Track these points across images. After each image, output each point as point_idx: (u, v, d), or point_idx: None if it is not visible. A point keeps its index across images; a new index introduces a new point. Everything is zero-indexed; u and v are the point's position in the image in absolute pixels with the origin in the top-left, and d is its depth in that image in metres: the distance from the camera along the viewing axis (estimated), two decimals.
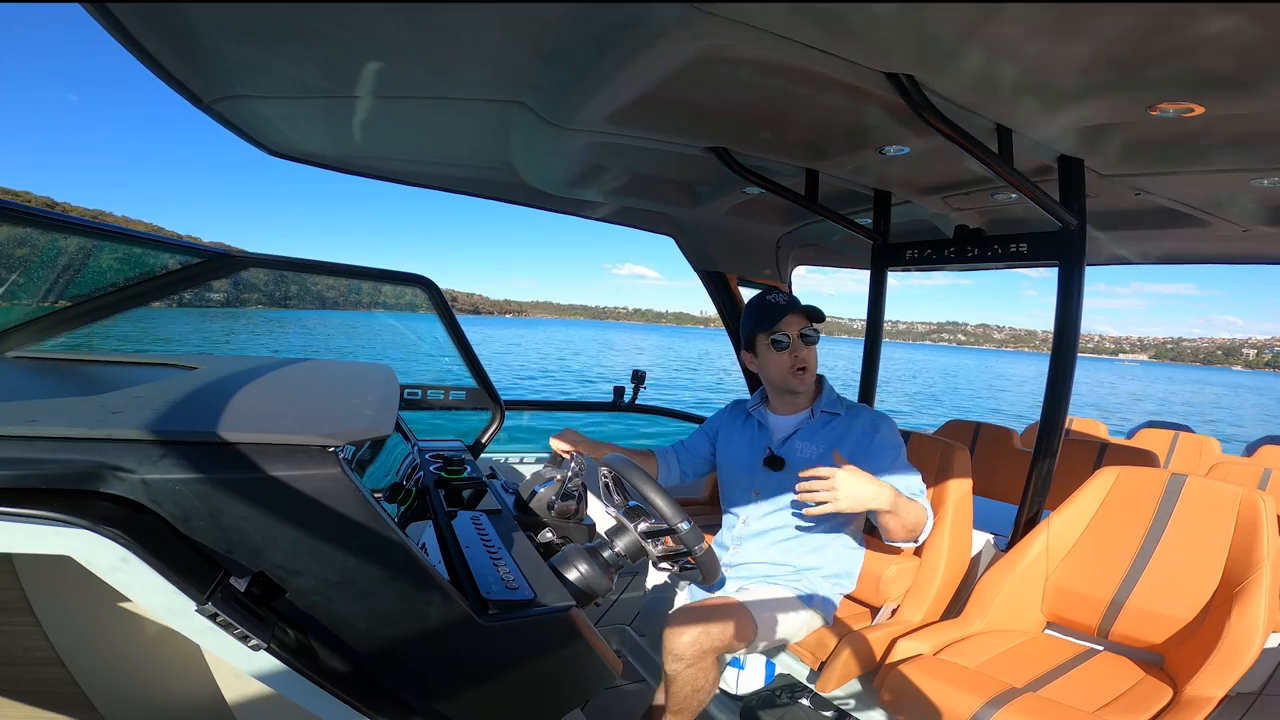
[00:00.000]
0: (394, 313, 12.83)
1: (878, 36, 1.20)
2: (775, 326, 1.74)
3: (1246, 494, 1.62)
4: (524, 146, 1.99)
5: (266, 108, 1.75)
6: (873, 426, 1.75)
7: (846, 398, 1.90)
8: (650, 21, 1.18)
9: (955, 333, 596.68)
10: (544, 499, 1.45)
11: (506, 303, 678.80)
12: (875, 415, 1.79)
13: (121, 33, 1.30)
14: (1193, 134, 1.56)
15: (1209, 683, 1.41)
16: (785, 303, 1.76)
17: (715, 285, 2.98)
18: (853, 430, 1.76)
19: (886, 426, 1.76)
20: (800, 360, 1.75)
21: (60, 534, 0.69)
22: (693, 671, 1.51)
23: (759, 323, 1.78)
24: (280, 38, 1.35)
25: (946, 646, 1.68)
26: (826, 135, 1.81)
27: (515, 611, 0.95)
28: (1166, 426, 4.13)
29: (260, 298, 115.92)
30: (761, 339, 1.78)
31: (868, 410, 1.82)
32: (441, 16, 1.23)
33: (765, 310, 1.77)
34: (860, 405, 1.85)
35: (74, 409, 0.85)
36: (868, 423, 1.76)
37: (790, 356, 1.75)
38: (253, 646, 0.78)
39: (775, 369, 1.78)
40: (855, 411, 1.81)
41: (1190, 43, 1.14)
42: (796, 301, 1.78)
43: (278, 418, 0.94)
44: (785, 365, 1.76)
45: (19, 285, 1.57)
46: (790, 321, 1.74)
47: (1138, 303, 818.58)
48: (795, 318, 1.74)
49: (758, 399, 1.94)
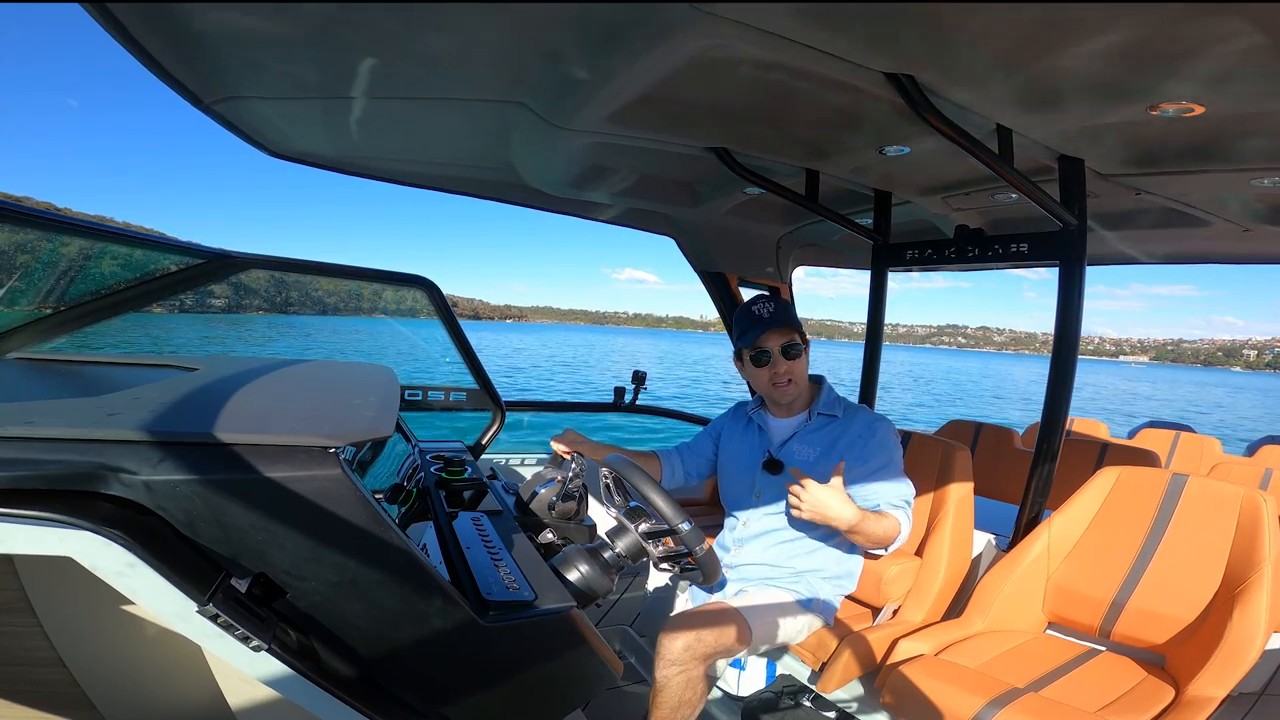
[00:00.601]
0: (396, 318, 12.80)
1: (878, 37, 1.20)
2: (754, 343, 1.74)
3: (1248, 494, 1.62)
4: (524, 147, 1.99)
5: (266, 108, 1.75)
6: (869, 429, 1.74)
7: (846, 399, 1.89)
8: (650, 21, 1.18)
9: (956, 335, 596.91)
10: (545, 500, 1.45)
11: (507, 308, 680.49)
12: (873, 418, 1.79)
13: (121, 33, 1.30)
14: (1193, 134, 1.56)
15: (1210, 683, 1.41)
16: (768, 317, 1.73)
17: (716, 286, 2.98)
18: (849, 432, 1.75)
19: (883, 430, 1.75)
20: (783, 374, 1.75)
21: (61, 535, 0.69)
22: (683, 680, 1.50)
23: (741, 336, 1.79)
24: (280, 38, 1.35)
25: (948, 647, 1.68)
26: (827, 135, 1.81)
27: (516, 612, 0.95)
28: (1167, 426, 4.13)
29: (261, 303, 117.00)
30: (746, 352, 1.79)
31: (866, 412, 1.82)
32: (441, 16, 1.24)
33: (748, 323, 1.76)
34: (859, 406, 1.85)
35: (74, 410, 0.85)
36: (864, 425, 1.76)
37: (770, 372, 1.75)
38: (254, 647, 0.78)
39: (759, 381, 1.80)
40: (853, 413, 1.80)
41: (1190, 43, 1.14)
42: (781, 315, 1.74)
43: (278, 418, 0.94)
44: (766, 379, 1.77)
45: (19, 286, 1.57)
46: (771, 337, 1.73)
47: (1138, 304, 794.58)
48: (776, 333, 1.73)
49: (756, 402, 1.94)
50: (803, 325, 1.82)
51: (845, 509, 1.50)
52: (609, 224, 2.83)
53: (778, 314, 1.74)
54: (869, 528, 1.55)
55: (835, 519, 1.51)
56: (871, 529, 1.56)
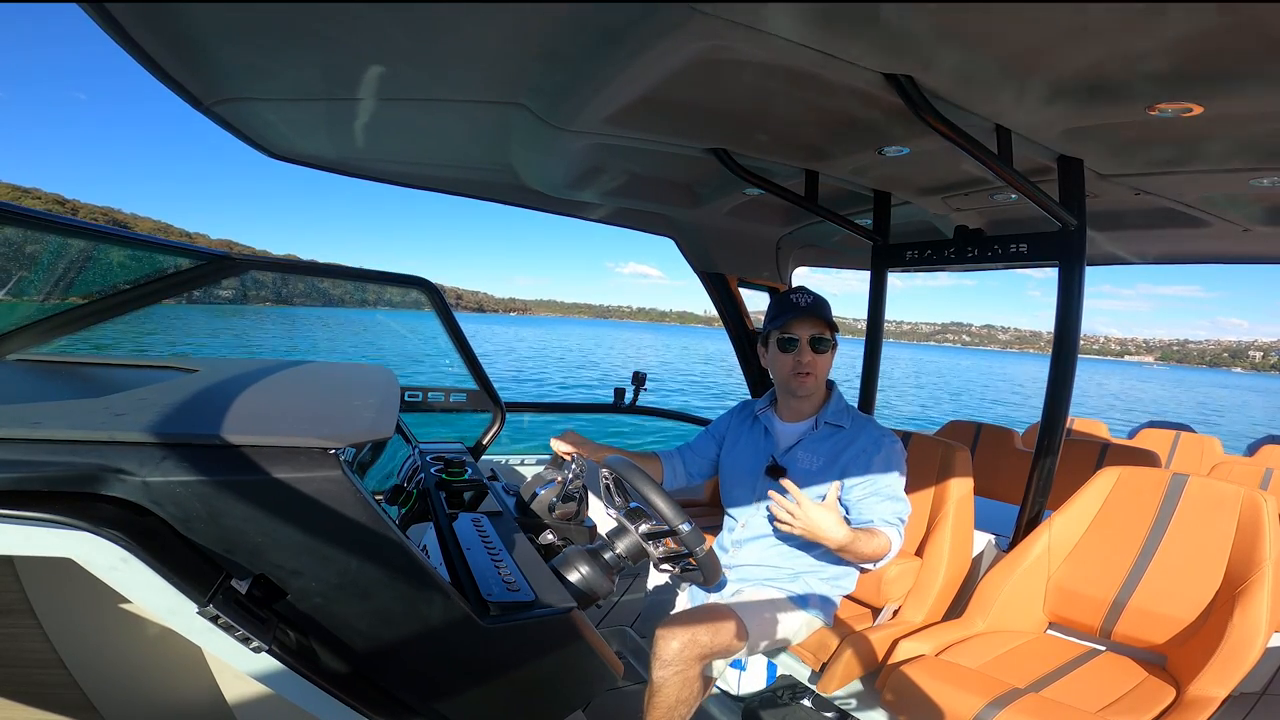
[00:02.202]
0: (401, 310, 12.69)
1: (877, 37, 1.20)
2: (786, 325, 1.74)
3: (1248, 494, 1.62)
4: (524, 148, 1.99)
5: (267, 110, 1.75)
6: (875, 444, 1.72)
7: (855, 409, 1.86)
8: (650, 23, 1.18)
9: (960, 334, 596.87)
10: (545, 501, 1.45)
11: (511, 301, 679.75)
12: (881, 433, 1.76)
13: (121, 34, 1.30)
14: (1192, 134, 1.56)
15: (1212, 683, 1.41)
16: (806, 305, 1.73)
17: (715, 286, 2.98)
18: (854, 445, 1.73)
19: (889, 447, 1.72)
20: (804, 365, 1.74)
21: (61, 536, 0.69)
22: (679, 680, 1.50)
23: (774, 318, 1.78)
24: (280, 40, 1.35)
25: (948, 647, 1.68)
26: (826, 136, 1.81)
27: (516, 613, 0.95)
28: (1168, 426, 4.13)
29: (268, 294, 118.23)
30: (774, 334, 1.77)
31: (874, 426, 1.79)
32: (441, 18, 1.24)
33: (783, 307, 1.76)
34: (868, 419, 1.82)
35: (75, 411, 0.85)
36: (871, 439, 1.73)
37: (793, 359, 1.74)
38: (254, 648, 0.78)
39: (780, 367, 1.78)
40: (861, 426, 1.77)
41: (1190, 43, 1.14)
42: (817, 307, 1.73)
43: (278, 420, 0.94)
44: (788, 366, 1.75)
45: (19, 288, 1.57)
46: (803, 324, 1.73)
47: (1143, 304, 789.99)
48: (809, 322, 1.72)
49: (766, 401, 1.92)
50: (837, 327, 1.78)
51: (837, 530, 1.52)
52: (609, 224, 2.83)
53: (814, 305, 1.74)
54: (859, 547, 1.57)
55: (826, 538, 1.52)
56: (861, 549, 1.57)
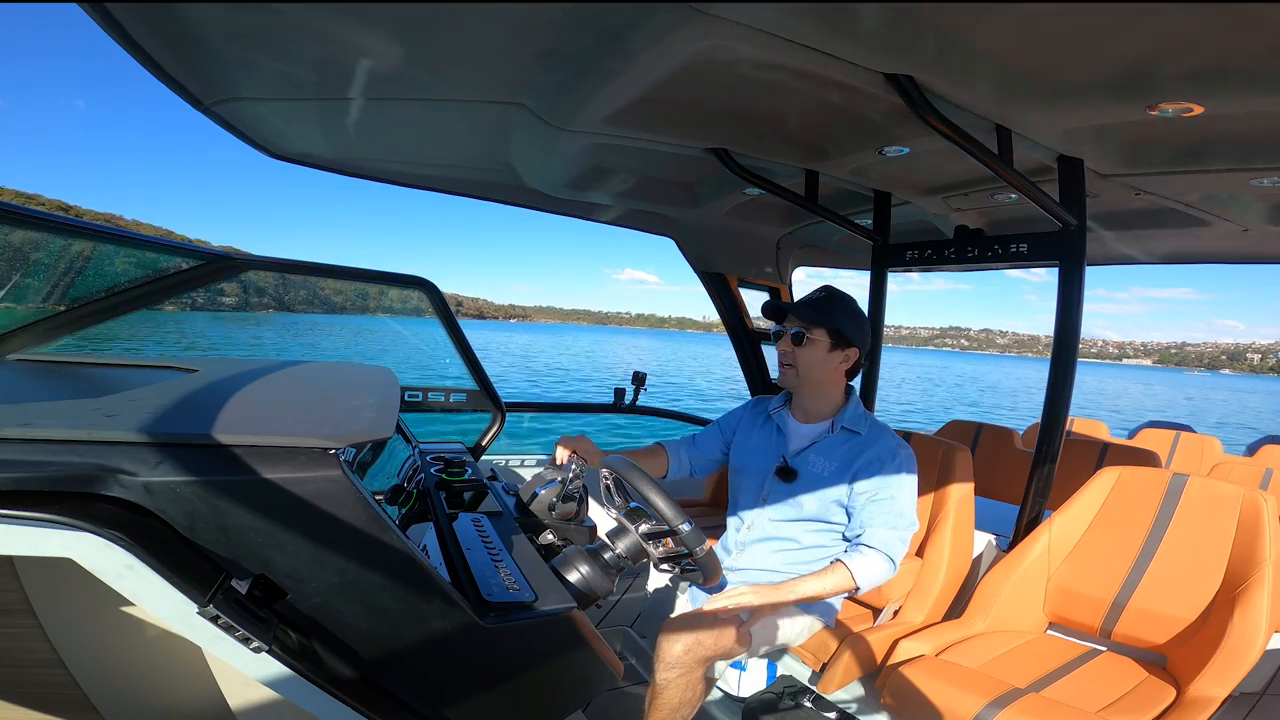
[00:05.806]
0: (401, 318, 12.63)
1: (877, 37, 1.20)
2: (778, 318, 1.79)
3: (1248, 494, 1.62)
4: (524, 148, 1.99)
5: (265, 109, 1.75)
6: (890, 454, 1.69)
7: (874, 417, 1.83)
8: (650, 22, 1.18)
9: (958, 338, 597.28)
10: (545, 501, 1.45)
11: (511, 307, 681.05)
12: (896, 444, 1.73)
13: (120, 34, 1.30)
14: (1193, 134, 1.56)
15: (1212, 683, 1.41)
16: (799, 303, 1.76)
17: (715, 287, 2.98)
18: (868, 453, 1.70)
19: (903, 459, 1.70)
20: (785, 355, 1.75)
21: (61, 536, 0.69)
22: (682, 682, 1.50)
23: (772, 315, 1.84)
24: (280, 39, 1.35)
25: (948, 647, 1.68)
26: (826, 136, 1.81)
27: (516, 613, 0.95)
28: (1168, 426, 4.13)
29: (269, 301, 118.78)
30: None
31: (890, 436, 1.75)
32: (441, 18, 1.24)
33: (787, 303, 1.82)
34: (884, 428, 1.78)
35: (75, 411, 0.85)
36: (886, 449, 1.70)
37: (779, 350, 1.77)
38: (254, 649, 0.77)
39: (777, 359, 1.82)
40: (878, 434, 1.74)
41: (1190, 43, 1.14)
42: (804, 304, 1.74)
43: (278, 420, 0.94)
44: (777, 356, 1.79)
45: (19, 288, 1.57)
46: (790, 319, 1.75)
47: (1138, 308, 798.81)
48: (795, 318, 1.74)
49: (781, 400, 1.90)
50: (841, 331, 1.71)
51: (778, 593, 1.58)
52: (609, 225, 2.83)
53: (804, 303, 1.75)
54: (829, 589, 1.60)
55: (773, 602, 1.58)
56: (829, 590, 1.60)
